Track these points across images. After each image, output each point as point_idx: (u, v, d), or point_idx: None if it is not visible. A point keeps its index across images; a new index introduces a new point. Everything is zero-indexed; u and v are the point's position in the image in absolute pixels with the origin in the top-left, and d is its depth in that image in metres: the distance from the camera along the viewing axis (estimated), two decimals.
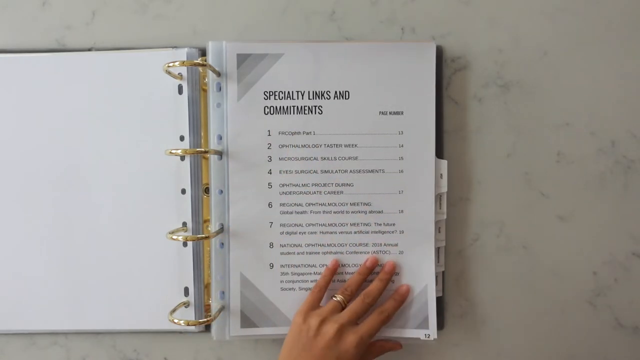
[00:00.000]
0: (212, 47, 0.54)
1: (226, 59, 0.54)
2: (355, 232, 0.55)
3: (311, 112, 0.55)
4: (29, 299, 0.57)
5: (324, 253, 0.55)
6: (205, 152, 0.55)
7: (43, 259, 0.57)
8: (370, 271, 0.55)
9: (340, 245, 0.55)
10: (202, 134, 0.56)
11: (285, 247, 0.55)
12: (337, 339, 0.49)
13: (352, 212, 0.55)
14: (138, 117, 0.56)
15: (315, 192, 0.55)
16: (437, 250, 0.56)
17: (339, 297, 0.53)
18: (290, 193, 0.55)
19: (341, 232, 0.55)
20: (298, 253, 0.55)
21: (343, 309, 0.52)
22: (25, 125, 0.57)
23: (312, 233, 0.55)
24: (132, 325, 0.58)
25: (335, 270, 0.55)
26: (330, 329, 0.50)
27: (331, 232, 0.55)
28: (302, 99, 0.55)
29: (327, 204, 0.55)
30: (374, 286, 0.54)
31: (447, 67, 0.58)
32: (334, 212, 0.55)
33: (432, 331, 0.55)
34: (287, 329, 0.55)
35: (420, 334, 0.55)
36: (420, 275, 0.55)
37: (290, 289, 0.56)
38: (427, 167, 0.55)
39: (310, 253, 0.55)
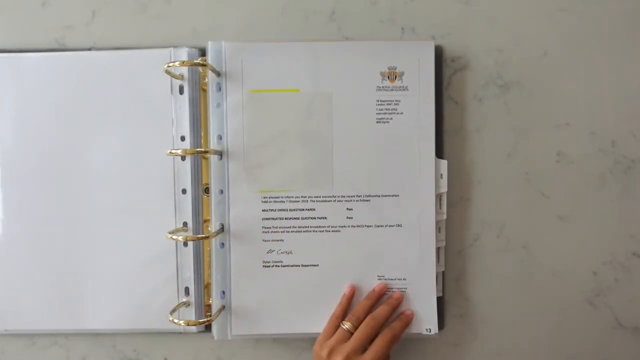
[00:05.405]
0: (211, 47, 0.54)
1: (225, 59, 0.54)
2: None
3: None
4: (29, 299, 0.57)
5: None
6: (205, 152, 0.55)
7: (43, 259, 0.57)
8: (379, 296, 0.55)
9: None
10: (202, 134, 0.56)
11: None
12: None
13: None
14: (138, 117, 0.56)
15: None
16: (437, 250, 0.56)
17: (346, 325, 0.53)
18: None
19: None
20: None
21: (352, 335, 0.52)
22: (25, 125, 0.57)
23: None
24: (132, 325, 0.57)
25: (351, 297, 0.55)
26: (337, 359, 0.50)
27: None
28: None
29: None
30: (380, 309, 0.54)
31: (447, 67, 0.58)
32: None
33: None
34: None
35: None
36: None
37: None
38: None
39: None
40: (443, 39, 0.58)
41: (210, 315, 0.56)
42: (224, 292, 0.56)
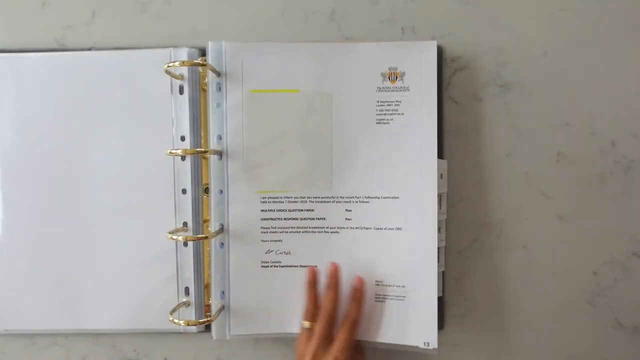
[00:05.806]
0: (211, 47, 0.54)
1: (225, 59, 0.54)
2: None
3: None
4: (29, 299, 0.57)
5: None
6: (205, 152, 0.55)
7: (43, 259, 0.57)
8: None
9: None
10: (202, 134, 0.56)
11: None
12: None
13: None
14: (138, 117, 0.56)
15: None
16: (437, 250, 0.56)
17: (306, 324, 0.52)
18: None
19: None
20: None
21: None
22: (25, 125, 0.57)
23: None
24: (132, 325, 0.58)
25: (313, 283, 0.53)
26: None
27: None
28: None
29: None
30: (325, 297, 0.53)
31: (447, 67, 0.58)
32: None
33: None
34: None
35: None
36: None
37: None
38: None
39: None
40: (443, 39, 0.58)
41: (210, 316, 0.56)
42: (223, 292, 0.56)
